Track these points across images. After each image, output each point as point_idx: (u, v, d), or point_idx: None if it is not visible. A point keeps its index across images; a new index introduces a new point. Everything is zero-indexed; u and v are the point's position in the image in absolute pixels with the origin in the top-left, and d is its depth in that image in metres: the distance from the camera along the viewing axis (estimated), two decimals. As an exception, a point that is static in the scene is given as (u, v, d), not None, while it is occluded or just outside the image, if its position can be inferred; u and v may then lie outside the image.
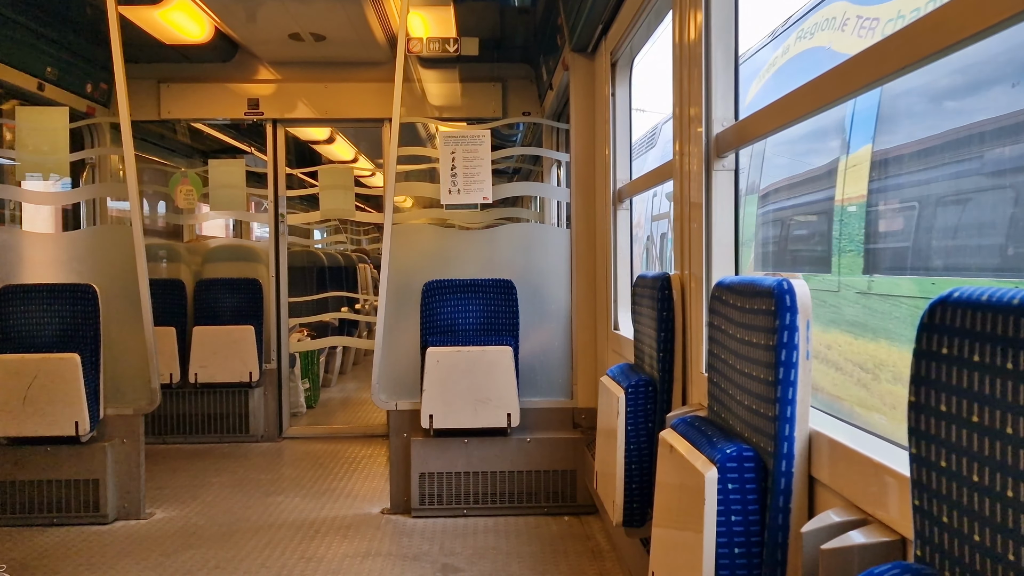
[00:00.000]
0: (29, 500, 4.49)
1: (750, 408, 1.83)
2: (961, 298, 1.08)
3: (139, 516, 4.60)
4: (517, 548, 4.10)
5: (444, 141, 4.80)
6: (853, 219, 4.09)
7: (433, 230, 5.13)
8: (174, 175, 6.95)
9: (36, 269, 4.73)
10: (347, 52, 6.18)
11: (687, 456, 1.90)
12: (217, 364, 6.45)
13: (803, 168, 4.95)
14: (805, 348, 1.68)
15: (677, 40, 2.84)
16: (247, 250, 7.21)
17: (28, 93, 5.26)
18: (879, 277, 3.82)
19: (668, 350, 2.84)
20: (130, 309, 4.59)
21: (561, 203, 6.76)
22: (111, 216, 6.57)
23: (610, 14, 4.07)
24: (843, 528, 1.52)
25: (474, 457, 4.61)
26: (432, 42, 5.21)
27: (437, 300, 4.74)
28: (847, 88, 1.72)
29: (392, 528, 4.43)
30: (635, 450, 2.86)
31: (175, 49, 6.02)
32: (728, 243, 2.60)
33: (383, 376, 4.75)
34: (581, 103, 4.80)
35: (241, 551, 4.08)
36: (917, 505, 1.19)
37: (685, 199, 2.79)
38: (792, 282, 1.70)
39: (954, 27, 1.30)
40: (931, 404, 1.14)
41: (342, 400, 8.59)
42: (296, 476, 5.56)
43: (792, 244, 5.12)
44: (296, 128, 7.44)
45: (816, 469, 1.73)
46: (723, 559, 1.73)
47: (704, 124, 2.59)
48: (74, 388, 4.30)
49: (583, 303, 4.85)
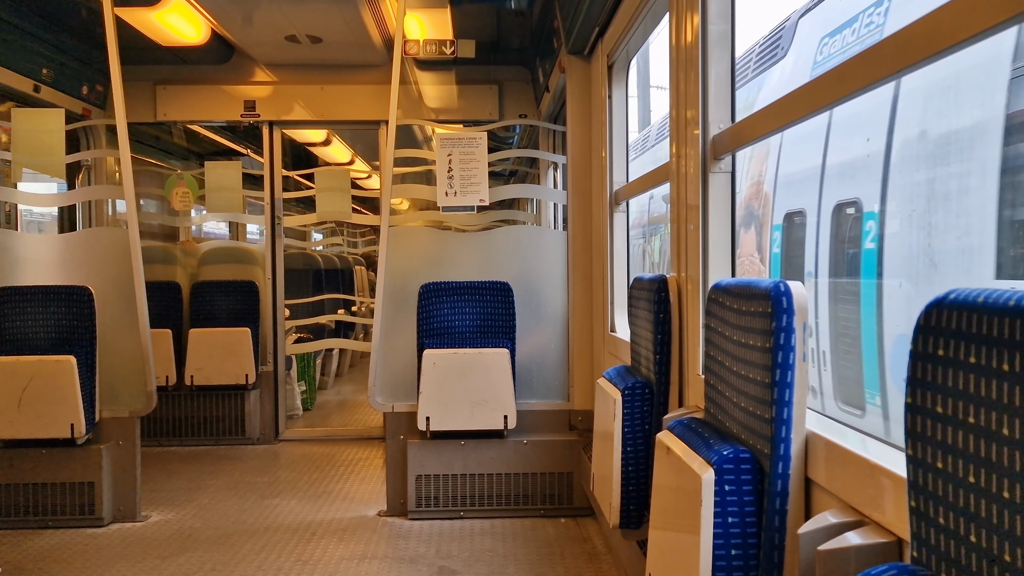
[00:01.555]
0: (24, 503, 4.48)
1: (746, 410, 1.83)
2: (957, 300, 1.09)
3: (135, 519, 4.59)
4: (514, 550, 4.10)
5: (441, 143, 4.80)
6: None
7: (430, 232, 5.13)
8: (170, 177, 6.94)
9: (32, 271, 4.72)
10: (343, 54, 6.17)
11: (684, 458, 1.90)
12: (213, 366, 6.44)
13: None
14: (802, 350, 1.68)
15: (674, 43, 2.85)
16: (243, 252, 7.20)
17: (24, 95, 5.25)
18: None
19: (665, 352, 2.85)
20: (126, 311, 4.58)
21: (558, 205, 6.77)
22: (110, 219, 6.55)
23: (606, 17, 4.08)
24: (839, 529, 1.52)
25: (471, 459, 4.61)
26: (429, 44, 5.22)
27: (434, 302, 4.73)
28: (843, 91, 1.72)
29: (388, 530, 4.42)
30: (632, 452, 2.86)
31: (171, 51, 6.01)
32: (725, 245, 2.60)
33: (380, 378, 4.74)
34: (578, 105, 4.80)
35: (237, 554, 4.07)
36: (913, 506, 1.19)
37: (682, 201, 2.79)
38: (789, 284, 1.70)
39: (949, 31, 1.31)
40: (927, 406, 1.15)
41: (338, 402, 8.58)
42: (292, 479, 5.55)
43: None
44: (292, 130, 7.43)
45: (812, 471, 1.73)
46: (720, 561, 1.73)
47: (701, 127, 2.59)
48: (70, 390, 4.29)
49: (580, 305, 4.85)
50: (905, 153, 3.70)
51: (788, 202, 4.84)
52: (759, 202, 5.20)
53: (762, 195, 5.13)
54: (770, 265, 5.01)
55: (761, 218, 5.18)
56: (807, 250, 4.51)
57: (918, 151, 3.62)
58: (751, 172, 5.29)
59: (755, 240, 5.23)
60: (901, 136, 3.72)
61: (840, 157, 4.36)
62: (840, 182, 4.31)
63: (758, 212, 5.18)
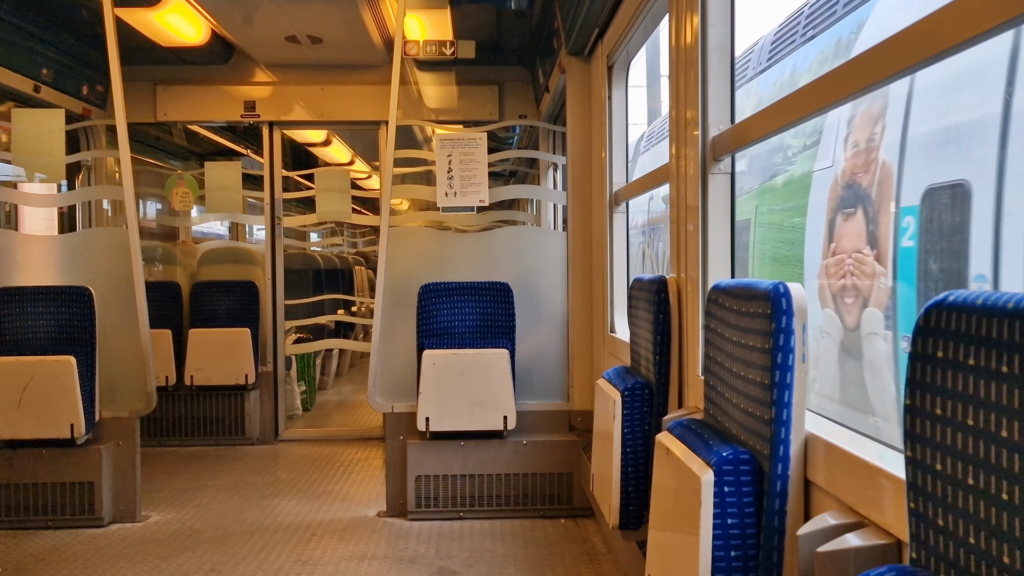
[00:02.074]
0: (24, 503, 4.48)
1: (746, 411, 1.83)
2: (956, 302, 1.09)
3: (135, 519, 4.59)
4: (513, 551, 4.10)
5: (440, 144, 4.80)
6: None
7: (429, 233, 5.14)
8: (170, 177, 6.94)
9: (32, 271, 4.72)
10: (344, 55, 6.18)
11: (683, 459, 1.90)
12: (213, 367, 6.44)
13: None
14: (801, 351, 1.68)
15: (674, 43, 2.85)
16: (243, 252, 7.20)
17: (24, 95, 5.25)
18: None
19: (664, 353, 2.85)
20: (126, 311, 4.58)
21: (557, 206, 6.77)
22: (109, 220, 6.55)
23: (606, 17, 4.08)
24: (839, 531, 1.52)
25: (470, 460, 4.61)
26: (429, 45, 5.22)
27: (433, 303, 4.73)
28: (843, 92, 1.73)
29: (388, 531, 4.42)
30: (631, 453, 2.86)
31: (171, 51, 6.01)
32: (724, 246, 2.60)
33: (379, 379, 4.74)
34: (577, 106, 4.80)
35: (237, 554, 4.07)
36: (912, 508, 1.19)
37: (681, 202, 2.79)
38: (788, 285, 1.70)
39: (948, 32, 1.31)
40: (926, 407, 1.15)
41: (338, 403, 8.58)
42: (292, 479, 5.55)
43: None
44: (292, 130, 7.43)
45: (812, 472, 1.73)
46: (719, 562, 1.73)
47: (700, 127, 2.60)
48: (69, 390, 4.29)
49: (579, 306, 4.85)
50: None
51: (927, 175, 3.43)
52: (868, 178, 3.76)
53: (876, 167, 3.77)
54: (895, 263, 3.41)
55: (876, 200, 3.74)
56: (973, 240, 3.16)
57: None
58: (852, 139, 3.92)
59: (863, 230, 3.74)
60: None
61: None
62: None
63: (867, 192, 3.89)
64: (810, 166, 4.02)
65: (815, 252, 3.88)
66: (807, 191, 4.03)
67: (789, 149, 4.34)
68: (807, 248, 3.97)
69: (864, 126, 3.86)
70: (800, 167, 4.17)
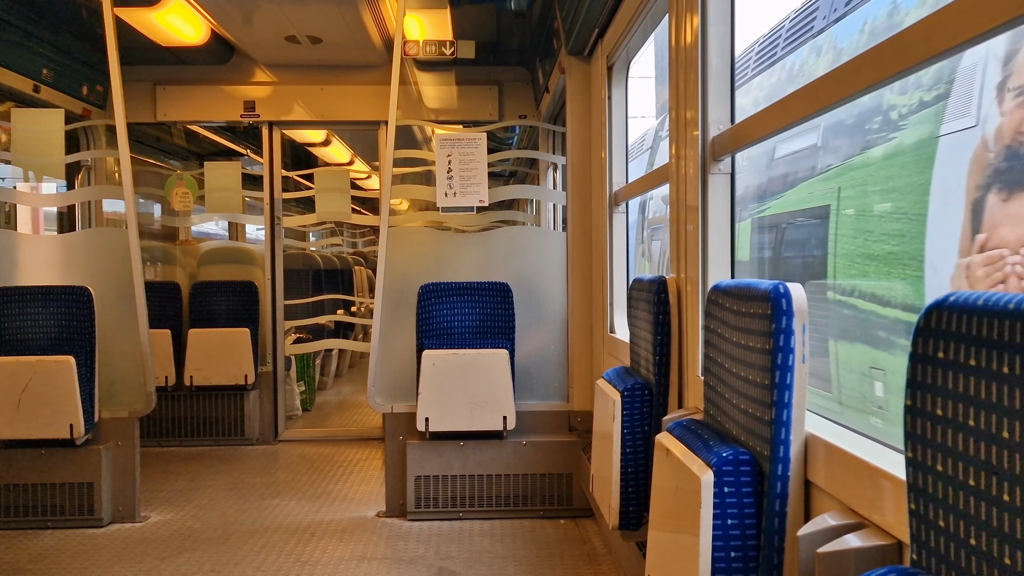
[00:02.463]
0: (23, 503, 4.47)
1: (746, 412, 1.83)
2: (957, 302, 1.09)
3: (134, 519, 4.59)
4: (513, 551, 4.09)
5: (440, 144, 4.80)
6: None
7: (429, 233, 5.13)
8: (170, 177, 6.94)
9: (31, 271, 4.72)
10: (343, 55, 6.18)
11: (683, 459, 1.90)
12: (213, 367, 6.43)
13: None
14: (801, 352, 1.68)
15: (673, 43, 2.85)
16: (243, 252, 7.20)
17: (24, 95, 5.24)
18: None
19: (664, 353, 2.84)
20: (125, 311, 4.58)
21: (557, 206, 6.77)
22: (106, 218, 6.55)
23: (606, 17, 4.08)
24: (839, 532, 1.52)
25: (470, 460, 4.60)
26: (428, 45, 5.22)
27: (433, 303, 4.73)
28: (843, 92, 1.72)
29: (388, 531, 4.42)
30: (631, 453, 2.86)
31: (171, 51, 6.01)
32: (724, 246, 2.60)
33: (379, 379, 4.74)
34: (577, 106, 4.80)
35: (236, 555, 4.07)
36: (913, 509, 1.19)
37: (681, 202, 2.79)
38: (788, 286, 1.70)
39: (948, 33, 1.31)
40: (927, 408, 1.14)
41: (338, 403, 8.58)
42: (292, 479, 5.55)
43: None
44: (292, 131, 7.43)
45: (812, 473, 1.73)
46: (719, 563, 1.73)
47: (700, 127, 2.60)
48: (69, 391, 4.29)
49: (579, 306, 4.85)
50: None
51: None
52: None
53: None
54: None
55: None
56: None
57: None
58: (1014, 83, 2.75)
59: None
60: None
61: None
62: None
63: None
64: (933, 129, 2.96)
65: (945, 247, 2.86)
66: (929, 163, 2.98)
67: (893, 110, 3.18)
68: (929, 241, 2.97)
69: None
70: (914, 132, 3.07)
